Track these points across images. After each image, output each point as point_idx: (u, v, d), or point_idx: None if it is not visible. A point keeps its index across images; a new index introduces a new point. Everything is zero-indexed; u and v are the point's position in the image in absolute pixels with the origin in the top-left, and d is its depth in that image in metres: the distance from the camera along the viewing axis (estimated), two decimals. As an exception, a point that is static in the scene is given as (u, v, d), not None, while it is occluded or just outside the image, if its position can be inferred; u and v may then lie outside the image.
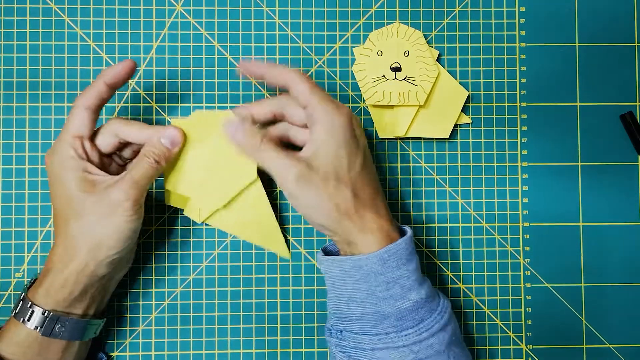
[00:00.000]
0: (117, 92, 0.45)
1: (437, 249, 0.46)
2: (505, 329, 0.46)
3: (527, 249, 0.46)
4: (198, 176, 0.43)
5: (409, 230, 0.39)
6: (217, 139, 0.42)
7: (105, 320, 0.42)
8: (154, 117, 0.46)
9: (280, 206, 0.46)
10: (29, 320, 0.37)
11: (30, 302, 0.37)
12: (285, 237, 0.45)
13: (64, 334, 0.38)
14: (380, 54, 0.45)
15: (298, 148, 0.40)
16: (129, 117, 0.45)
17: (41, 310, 0.37)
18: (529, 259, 0.46)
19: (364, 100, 0.46)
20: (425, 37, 0.46)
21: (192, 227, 0.45)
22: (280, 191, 0.46)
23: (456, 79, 0.46)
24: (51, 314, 0.37)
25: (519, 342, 0.46)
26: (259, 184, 0.43)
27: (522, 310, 0.46)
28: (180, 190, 0.43)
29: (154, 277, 0.45)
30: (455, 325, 0.39)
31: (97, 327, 0.41)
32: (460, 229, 0.46)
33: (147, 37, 0.46)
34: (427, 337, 0.37)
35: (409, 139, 0.47)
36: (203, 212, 0.43)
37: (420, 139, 0.47)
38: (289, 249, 0.46)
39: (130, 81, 0.46)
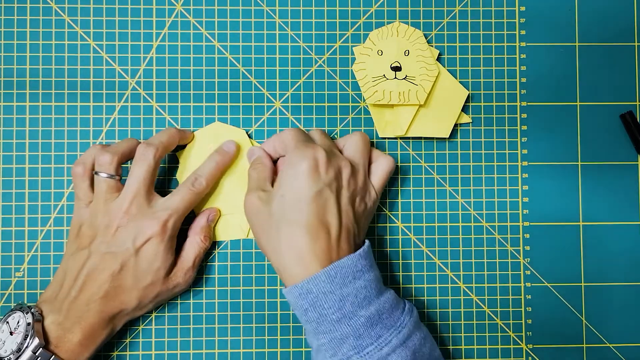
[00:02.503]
0: (117, 92, 0.45)
1: (437, 249, 0.46)
2: (505, 328, 0.46)
3: (527, 248, 0.46)
4: (220, 189, 0.45)
5: (363, 246, 0.40)
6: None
7: None
8: (154, 116, 0.46)
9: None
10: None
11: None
12: None
13: None
14: (380, 54, 0.45)
15: None
16: (129, 116, 0.45)
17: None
18: (529, 259, 0.46)
19: (364, 100, 0.46)
20: (426, 36, 0.46)
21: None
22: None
23: (456, 79, 0.46)
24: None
25: (519, 342, 0.46)
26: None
27: (522, 309, 0.46)
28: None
29: (154, 277, 0.45)
30: (422, 335, 0.39)
31: None
32: (461, 228, 0.46)
33: (147, 36, 0.46)
34: (389, 352, 0.36)
35: (409, 138, 0.47)
36: (244, 225, 0.45)
37: (420, 138, 0.47)
38: None
39: (130, 80, 0.46)
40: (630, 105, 0.47)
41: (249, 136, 0.46)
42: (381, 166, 0.43)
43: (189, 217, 0.44)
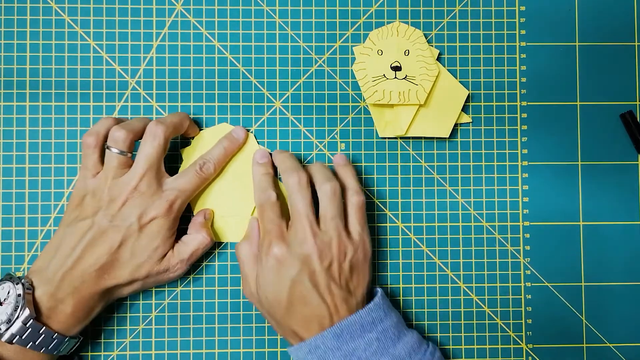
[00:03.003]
0: (117, 92, 0.45)
1: (437, 248, 0.46)
2: (505, 328, 0.46)
3: (527, 248, 0.46)
4: (221, 190, 0.45)
5: (374, 299, 0.40)
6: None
7: (81, 339, 0.41)
8: (154, 116, 0.46)
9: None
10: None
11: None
12: None
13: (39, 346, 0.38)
14: (380, 53, 0.45)
15: None
16: (129, 116, 0.45)
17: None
18: (529, 258, 0.46)
19: (364, 100, 0.46)
20: (426, 36, 0.46)
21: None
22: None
23: (456, 78, 0.46)
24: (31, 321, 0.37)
25: (519, 341, 0.46)
26: (277, 180, 0.45)
27: (522, 309, 0.46)
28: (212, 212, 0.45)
29: (154, 276, 0.45)
30: None
31: (72, 345, 0.40)
32: (461, 228, 0.46)
33: (147, 36, 0.46)
34: None
35: (409, 138, 0.47)
36: (241, 229, 0.45)
37: (420, 138, 0.47)
38: None
39: (130, 80, 0.46)
40: (630, 104, 0.47)
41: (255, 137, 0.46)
42: (352, 208, 0.42)
43: (184, 217, 0.44)
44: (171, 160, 0.46)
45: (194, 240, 0.43)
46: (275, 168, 0.44)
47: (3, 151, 0.45)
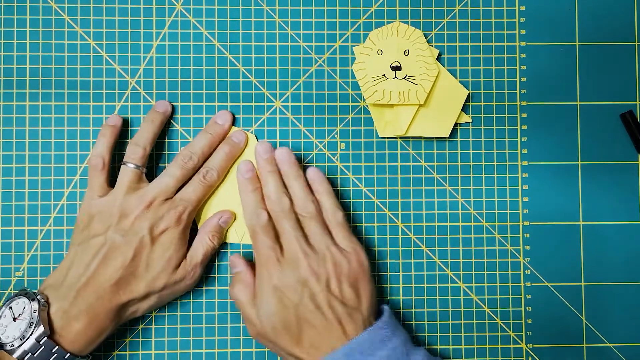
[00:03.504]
0: (117, 91, 0.45)
1: (437, 248, 0.46)
2: (505, 328, 0.46)
3: (527, 248, 0.46)
4: (221, 192, 0.45)
5: (382, 317, 0.40)
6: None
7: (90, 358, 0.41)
8: (154, 116, 0.46)
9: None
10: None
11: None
12: None
13: None
14: (380, 53, 0.45)
15: None
16: (129, 116, 0.45)
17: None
18: (529, 258, 0.46)
19: (364, 99, 0.46)
20: (425, 36, 0.46)
21: (191, 227, 0.45)
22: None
23: (456, 78, 0.46)
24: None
25: (519, 341, 0.46)
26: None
27: (522, 309, 0.46)
28: (209, 210, 0.45)
29: (154, 276, 0.45)
30: None
31: None
32: (461, 227, 0.46)
33: (147, 36, 0.46)
34: None
35: (409, 138, 0.47)
36: (239, 230, 0.45)
37: (420, 138, 0.47)
38: None
39: (130, 80, 0.46)
40: (630, 104, 0.47)
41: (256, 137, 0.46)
42: (336, 227, 0.42)
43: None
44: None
45: (200, 244, 0.43)
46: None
47: (3, 151, 0.45)
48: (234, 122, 0.45)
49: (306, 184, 0.43)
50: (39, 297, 0.38)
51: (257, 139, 0.46)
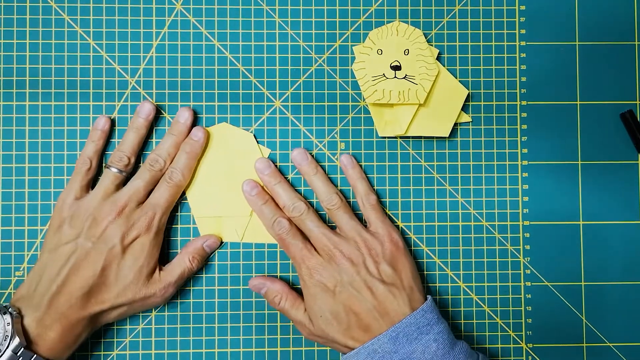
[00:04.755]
0: (117, 91, 0.45)
1: (437, 248, 0.46)
2: (505, 327, 0.46)
3: (527, 247, 0.46)
4: (220, 191, 0.45)
5: (426, 301, 0.41)
6: (229, 151, 0.45)
7: None
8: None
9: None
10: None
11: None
12: None
13: None
14: (380, 53, 0.45)
15: None
16: (129, 116, 0.45)
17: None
18: (529, 258, 0.46)
19: (364, 99, 0.46)
20: (425, 35, 0.46)
21: (191, 226, 0.45)
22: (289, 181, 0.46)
23: (456, 78, 0.46)
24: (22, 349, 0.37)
25: (519, 341, 0.46)
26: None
27: (522, 308, 0.46)
28: (208, 209, 0.45)
29: (153, 276, 0.45)
30: None
31: None
32: (461, 227, 0.46)
33: (147, 35, 0.46)
34: None
35: (409, 137, 0.46)
36: (239, 229, 0.45)
37: (420, 137, 0.47)
38: None
39: (130, 80, 0.46)
40: (631, 104, 0.47)
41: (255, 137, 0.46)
42: (369, 209, 0.44)
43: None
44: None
45: (178, 264, 0.43)
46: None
47: (3, 151, 0.45)
48: (195, 119, 0.45)
49: (326, 176, 0.45)
50: (10, 309, 0.38)
51: (256, 138, 0.46)
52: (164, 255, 0.45)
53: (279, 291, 0.43)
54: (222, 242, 0.45)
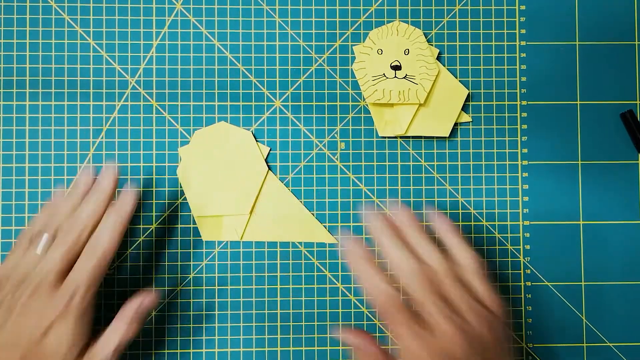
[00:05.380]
0: (117, 91, 0.45)
1: (437, 248, 0.46)
2: (505, 327, 0.46)
3: (528, 247, 0.46)
4: (219, 190, 0.45)
5: None
6: (228, 150, 0.45)
7: None
8: (154, 115, 0.46)
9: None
10: None
11: None
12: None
13: None
14: (380, 52, 0.45)
15: None
16: (129, 115, 0.45)
17: None
18: (529, 258, 0.46)
19: (364, 99, 0.46)
20: (426, 35, 0.46)
21: (191, 226, 0.45)
22: (289, 181, 0.46)
23: (456, 78, 0.46)
24: None
25: (519, 341, 0.46)
26: (272, 175, 0.45)
27: (523, 308, 0.46)
28: (208, 209, 0.45)
29: (153, 276, 0.45)
30: None
31: None
32: (461, 227, 0.46)
33: (147, 35, 0.46)
34: None
35: (409, 137, 0.47)
36: (238, 228, 0.45)
37: (420, 137, 0.47)
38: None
39: (130, 79, 0.46)
40: (631, 104, 0.47)
41: (254, 136, 0.46)
42: (473, 275, 0.38)
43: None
44: (170, 159, 0.46)
45: (113, 334, 0.37)
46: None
47: (3, 150, 0.45)
48: (117, 182, 0.40)
49: (429, 239, 0.39)
50: None
51: (255, 137, 0.46)
52: (164, 258, 0.45)
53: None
54: (221, 242, 0.45)
